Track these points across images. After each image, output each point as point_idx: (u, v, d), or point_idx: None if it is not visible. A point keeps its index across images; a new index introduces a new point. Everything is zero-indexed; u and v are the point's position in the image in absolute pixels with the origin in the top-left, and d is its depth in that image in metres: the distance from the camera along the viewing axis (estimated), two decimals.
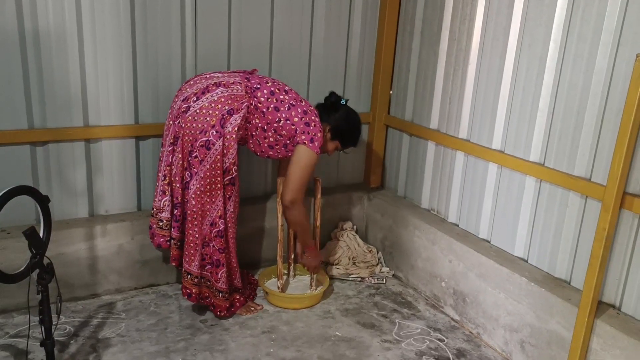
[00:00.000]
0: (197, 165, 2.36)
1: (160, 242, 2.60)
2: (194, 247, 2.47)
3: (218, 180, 2.39)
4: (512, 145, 2.55)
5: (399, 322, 2.72)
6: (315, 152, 2.51)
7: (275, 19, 3.01)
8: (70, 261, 2.64)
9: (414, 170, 3.26)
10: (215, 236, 2.46)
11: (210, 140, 2.34)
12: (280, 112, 2.48)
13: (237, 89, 2.43)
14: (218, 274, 2.51)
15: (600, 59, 2.13)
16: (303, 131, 2.49)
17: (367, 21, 3.31)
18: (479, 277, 2.60)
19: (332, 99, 2.70)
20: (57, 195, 2.67)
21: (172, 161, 2.44)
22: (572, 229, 2.30)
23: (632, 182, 2.02)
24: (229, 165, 2.39)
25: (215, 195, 2.41)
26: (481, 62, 2.69)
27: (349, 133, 2.73)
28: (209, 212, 2.43)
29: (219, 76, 2.50)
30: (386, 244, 3.31)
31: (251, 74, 2.62)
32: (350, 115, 2.72)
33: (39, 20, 2.45)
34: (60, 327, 2.45)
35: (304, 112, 2.52)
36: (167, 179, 2.49)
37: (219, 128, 2.35)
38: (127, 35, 2.65)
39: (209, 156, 2.35)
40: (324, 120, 2.63)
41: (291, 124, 2.49)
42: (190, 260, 2.48)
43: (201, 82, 2.48)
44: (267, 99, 2.47)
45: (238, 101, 2.41)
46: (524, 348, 2.39)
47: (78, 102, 2.62)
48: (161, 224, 2.57)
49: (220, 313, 2.58)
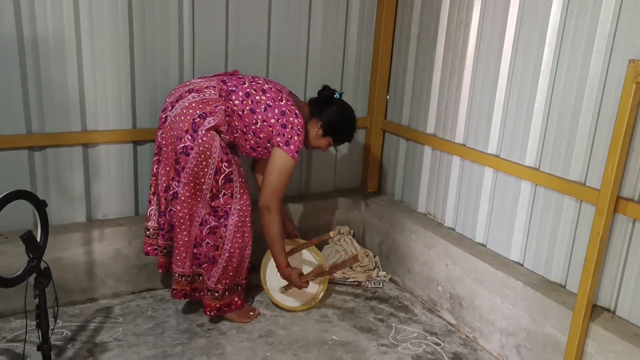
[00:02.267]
0: (181, 172, 2.38)
1: (148, 251, 2.63)
2: (185, 250, 2.46)
3: (202, 181, 2.37)
4: (507, 150, 2.57)
5: (396, 326, 2.73)
6: (290, 156, 2.40)
7: (273, 24, 3.03)
8: (67, 265, 2.64)
9: (410, 174, 3.28)
10: (207, 233, 2.46)
11: (187, 145, 2.33)
12: (256, 114, 2.41)
13: (209, 93, 2.40)
14: (211, 271, 2.50)
15: (594, 65, 2.15)
16: (279, 133, 2.41)
17: (363, 26, 3.34)
18: (475, 281, 2.61)
19: (325, 93, 2.58)
20: (55, 199, 2.68)
21: (159, 171, 2.45)
22: (567, 233, 2.31)
23: (626, 187, 2.04)
24: (217, 164, 2.36)
25: (202, 196, 2.40)
26: (477, 67, 2.71)
27: (342, 129, 2.61)
28: (196, 214, 2.44)
29: (196, 82, 2.48)
30: (383, 248, 3.32)
31: (232, 75, 2.58)
32: (344, 111, 2.60)
33: (38, 26, 2.47)
34: (58, 332, 2.45)
35: (282, 113, 2.42)
36: (152, 188, 2.53)
37: (192, 132, 2.32)
38: (125, 40, 2.67)
39: (189, 162, 2.34)
40: (316, 115, 2.56)
41: (268, 125, 2.41)
42: (183, 263, 2.48)
43: (178, 90, 2.47)
44: (242, 101, 2.41)
45: (211, 105, 2.37)
46: (519, 352, 2.40)
47: (76, 107, 2.64)
48: (148, 233, 2.60)
49: (209, 313, 2.55)
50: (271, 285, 2.82)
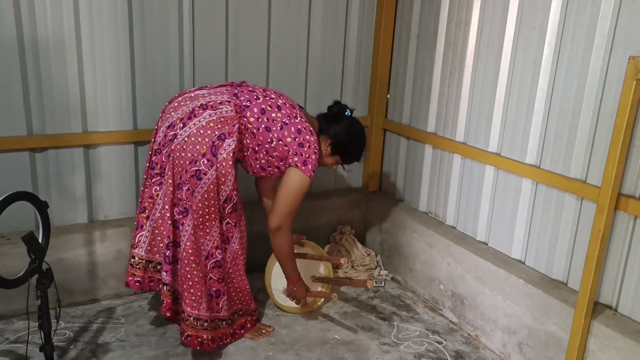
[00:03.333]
0: (190, 198, 2.19)
1: (129, 282, 2.37)
2: (200, 289, 2.24)
3: (212, 210, 2.21)
4: (508, 148, 2.56)
5: (398, 325, 2.73)
6: (307, 176, 2.30)
7: (273, 24, 3.03)
8: (69, 267, 2.65)
9: (411, 173, 3.28)
10: (212, 268, 2.28)
11: (201, 169, 2.15)
12: (272, 132, 2.28)
13: (226, 110, 2.23)
14: (219, 304, 2.34)
15: (594, 62, 2.15)
16: (296, 152, 2.29)
17: (363, 25, 3.34)
18: (477, 279, 2.61)
19: (335, 110, 2.46)
20: (57, 201, 2.68)
21: (159, 194, 2.28)
22: (568, 230, 2.31)
23: (627, 184, 2.04)
24: (229, 192, 2.23)
25: (209, 226, 2.24)
26: (477, 66, 2.71)
27: (351, 149, 2.48)
28: (203, 247, 2.25)
29: (205, 94, 2.30)
30: (385, 247, 3.32)
31: (240, 86, 2.42)
32: (354, 129, 2.47)
33: (38, 28, 2.47)
34: (60, 332, 2.45)
35: (298, 131, 2.30)
36: (146, 212, 2.32)
37: (210, 156, 2.16)
38: (125, 41, 2.67)
39: (200, 186, 2.16)
40: (325, 132, 2.43)
41: (284, 144, 2.29)
42: (198, 304, 2.25)
43: (186, 103, 2.26)
44: (257, 118, 2.27)
45: (229, 124, 2.21)
46: (521, 350, 2.40)
47: (77, 108, 2.64)
48: (133, 261, 2.36)
49: (224, 340, 2.43)
50: (275, 286, 2.82)
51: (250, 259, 2.61)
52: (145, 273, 2.39)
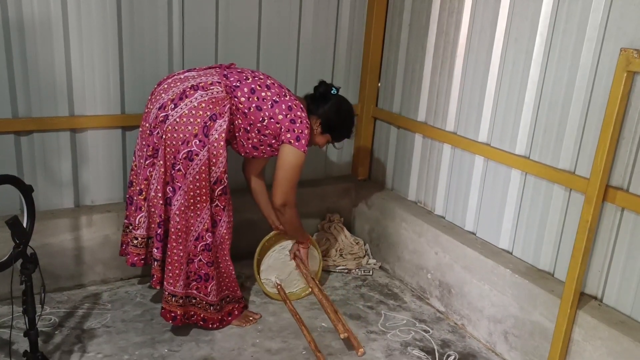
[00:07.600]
0: (180, 179, 2.20)
1: (135, 261, 2.40)
2: (179, 267, 2.29)
3: (203, 192, 2.23)
4: (498, 139, 2.57)
5: (385, 314, 2.74)
6: (302, 151, 2.34)
7: (263, 10, 2.99)
8: (55, 252, 2.62)
9: (401, 162, 3.27)
10: (202, 250, 2.30)
11: (192, 150, 2.17)
12: (263, 111, 2.31)
13: (217, 90, 2.25)
14: (208, 287, 2.36)
15: (585, 54, 2.15)
16: (288, 129, 2.32)
17: (355, 13, 3.31)
18: (465, 269, 2.62)
19: (321, 89, 2.49)
20: (42, 185, 2.65)
21: (153, 175, 2.28)
22: (556, 221, 2.32)
23: (615, 175, 2.05)
24: (219, 174, 2.25)
25: (200, 208, 2.26)
26: (468, 56, 2.70)
27: (341, 126, 2.54)
28: (193, 227, 2.28)
29: (195, 76, 2.31)
30: (373, 236, 3.33)
31: (228, 67, 2.42)
32: (342, 106, 2.53)
33: (24, 9, 2.42)
34: (45, 318, 2.43)
35: (289, 108, 2.34)
36: (143, 194, 2.32)
37: (202, 137, 2.18)
38: (113, 23, 2.62)
39: (192, 168, 2.19)
40: (313, 112, 2.47)
41: (275, 122, 2.32)
42: (175, 281, 2.29)
43: (176, 85, 2.27)
44: (247, 98, 2.29)
45: (220, 104, 2.23)
46: (507, 339, 2.42)
47: (63, 91, 2.60)
48: (135, 242, 2.39)
49: (212, 325, 2.44)
50: (264, 274, 2.79)
51: (238, 246, 2.61)
52: (147, 250, 2.43)
